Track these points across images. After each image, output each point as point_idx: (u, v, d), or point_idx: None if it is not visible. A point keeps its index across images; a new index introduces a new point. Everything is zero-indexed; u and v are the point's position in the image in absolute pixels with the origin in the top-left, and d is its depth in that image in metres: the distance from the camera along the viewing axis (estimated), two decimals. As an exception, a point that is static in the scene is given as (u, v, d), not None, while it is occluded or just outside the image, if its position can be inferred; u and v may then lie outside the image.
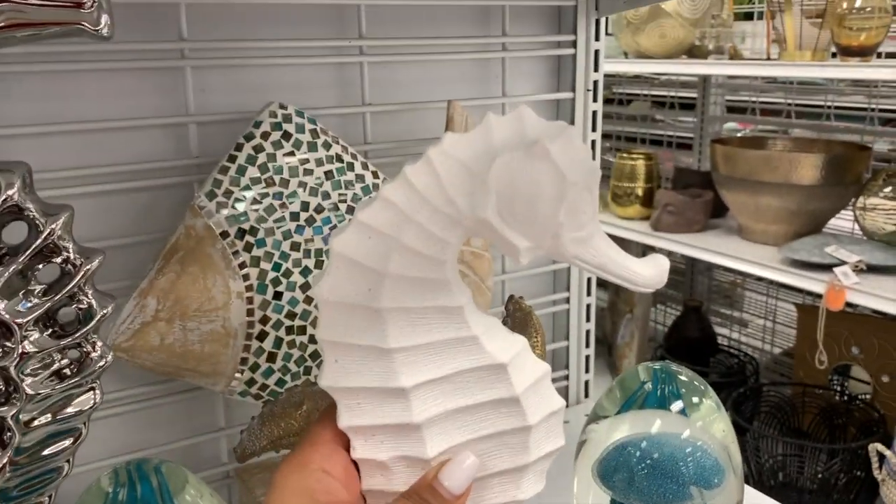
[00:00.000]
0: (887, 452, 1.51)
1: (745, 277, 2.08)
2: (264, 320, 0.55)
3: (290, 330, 0.57)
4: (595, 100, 0.73)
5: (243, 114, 0.59)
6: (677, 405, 0.41)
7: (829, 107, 1.85)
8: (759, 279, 1.99)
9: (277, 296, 0.56)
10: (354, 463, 0.34)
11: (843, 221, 1.75)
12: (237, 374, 0.56)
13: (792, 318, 1.98)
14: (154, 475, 0.34)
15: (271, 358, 0.56)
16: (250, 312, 0.55)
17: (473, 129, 0.32)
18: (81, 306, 0.38)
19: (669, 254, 2.15)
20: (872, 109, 1.78)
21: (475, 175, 0.30)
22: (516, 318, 0.49)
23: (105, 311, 0.39)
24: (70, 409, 0.39)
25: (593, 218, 0.31)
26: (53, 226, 0.37)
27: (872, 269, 1.45)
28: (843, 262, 1.47)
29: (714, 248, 1.69)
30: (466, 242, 0.64)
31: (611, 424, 0.42)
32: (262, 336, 0.56)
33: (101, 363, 0.40)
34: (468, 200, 0.31)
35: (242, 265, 0.54)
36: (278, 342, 0.56)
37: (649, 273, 0.32)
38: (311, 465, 0.32)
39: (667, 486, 0.40)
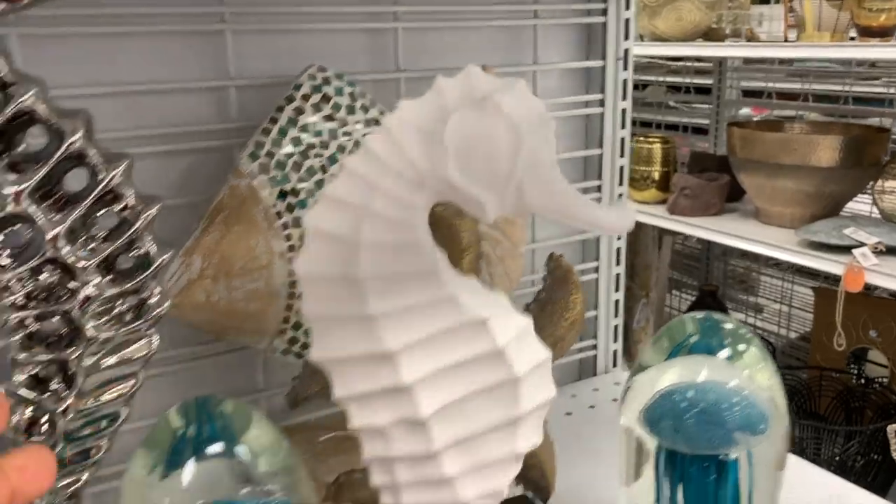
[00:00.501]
0: (904, 434, 1.51)
1: (760, 262, 2.08)
2: (306, 281, 0.56)
3: (330, 291, 0.57)
4: (625, 68, 0.74)
5: (279, 78, 0.59)
6: (724, 353, 0.41)
7: (846, 92, 1.85)
8: (776, 264, 1.99)
9: (318, 257, 0.56)
10: None
11: (860, 205, 1.75)
12: (280, 333, 0.57)
13: (808, 302, 1.98)
14: (220, 413, 0.34)
15: (312, 318, 0.57)
16: (292, 273, 0.56)
17: (426, 94, 0.32)
18: (140, 253, 0.39)
19: (686, 238, 2.15)
20: (891, 92, 1.77)
21: (431, 137, 0.31)
22: (556, 275, 0.50)
23: (164, 259, 0.40)
24: (128, 355, 0.40)
25: (553, 168, 0.31)
26: (115, 172, 0.37)
27: (891, 251, 1.45)
28: (861, 244, 1.46)
29: (731, 232, 1.69)
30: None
31: (657, 372, 0.43)
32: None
33: (159, 310, 0.40)
34: (428, 162, 0.31)
35: (284, 226, 0.55)
36: (319, 303, 0.57)
37: (614, 217, 0.32)
38: None
39: (713, 431, 0.41)
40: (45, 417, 0.39)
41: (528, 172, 0.31)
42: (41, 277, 0.38)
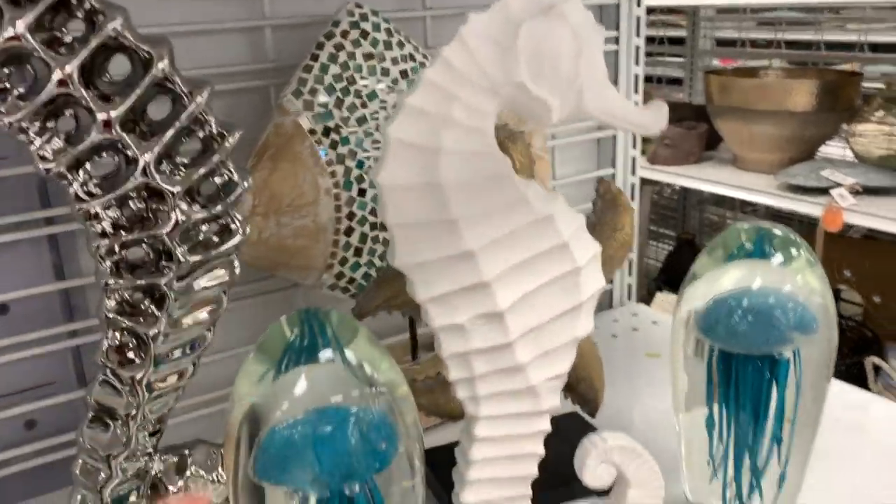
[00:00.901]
0: (884, 365, 1.58)
1: (736, 210, 2.13)
2: (350, 216, 0.57)
3: (373, 226, 0.59)
4: (639, 5, 0.75)
5: (313, 17, 0.60)
6: (777, 259, 0.44)
7: (817, 40, 1.89)
8: (753, 211, 2.04)
9: (362, 193, 0.58)
10: None
11: (832, 149, 1.80)
12: (327, 268, 0.58)
13: (783, 246, 2.03)
14: (328, 322, 0.36)
15: (358, 253, 0.58)
16: (338, 209, 0.57)
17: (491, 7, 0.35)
18: (223, 179, 0.40)
19: (661, 188, 2.20)
20: (861, 39, 1.82)
21: (503, 45, 0.34)
22: (606, 199, 0.52)
23: (246, 184, 0.41)
24: (213, 281, 0.41)
25: (605, 72, 0.35)
26: (199, 98, 0.38)
27: (867, 191, 1.50)
28: (838, 185, 1.51)
29: (711, 179, 1.73)
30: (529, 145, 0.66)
31: (712, 279, 0.45)
32: (349, 231, 0.58)
33: (240, 237, 0.41)
34: (501, 70, 0.34)
35: (329, 162, 0.56)
36: (363, 237, 0.58)
37: (651, 117, 0.36)
38: None
39: (769, 332, 0.43)
40: (135, 342, 0.40)
41: (587, 75, 0.34)
42: (131, 204, 0.38)
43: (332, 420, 0.35)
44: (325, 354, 0.35)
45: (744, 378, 0.45)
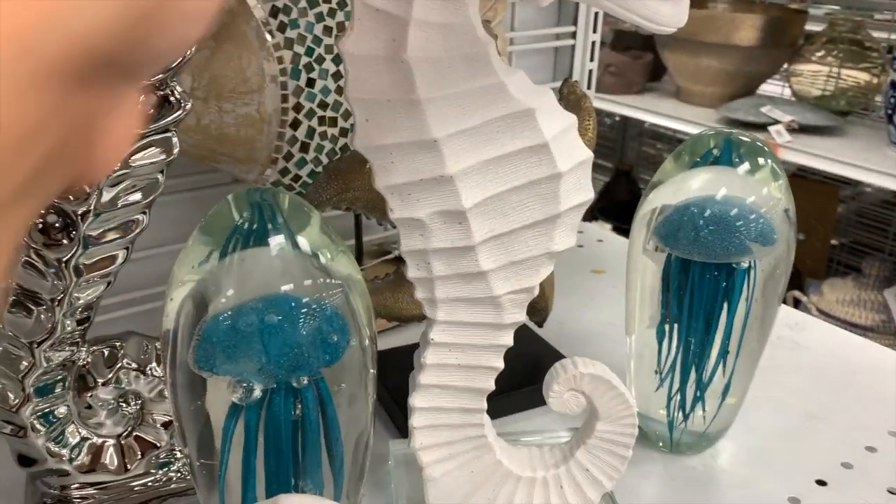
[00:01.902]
0: (803, 298, 1.64)
1: (674, 144, 2.15)
2: (298, 108, 0.54)
3: (322, 120, 0.55)
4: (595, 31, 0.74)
5: None
6: (743, 167, 0.43)
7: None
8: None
9: (310, 83, 0.54)
10: None
11: (772, 87, 1.82)
12: (272, 163, 0.54)
13: (716, 181, 2.07)
14: (280, 207, 0.33)
15: (304, 148, 0.55)
16: (284, 98, 0.53)
17: None
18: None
19: (606, 117, 2.19)
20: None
21: None
22: (570, 101, 0.50)
23: (188, 54, 0.37)
24: (149, 159, 0.38)
25: None
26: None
27: (803, 129, 1.53)
28: (776, 122, 1.54)
29: (653, 109, 1.74)
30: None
31: (677, 185, 0.44)
32: (295, 124, 0.54)
33: (181, 112, 0.38)
34: None
35: (276, 46, 0.52)
36: (311, 132, 0.55)
37: (668, 10, 0.31)
38: None
39: (730, 240, 0.43)
40: (62, 221, 0.37)
41: None
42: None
43: (282, 309, 0.33)
44: (276, 240, 0.32)
45: (700, 286, 0.44)
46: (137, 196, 0.38)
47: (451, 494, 0.41)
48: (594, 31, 0.76)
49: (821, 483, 0.47)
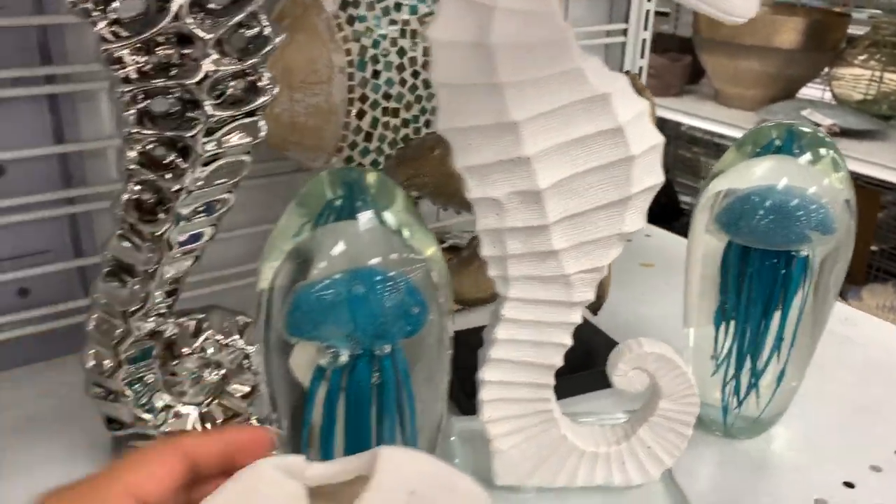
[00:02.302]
0: (843, 303, 1.63)
1: (711, 149, 2.14)
2: (363, 99, 0.56)
3: (385, 111, 0.57)
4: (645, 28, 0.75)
5: None
6: (805, 158, 0.44)
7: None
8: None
9: (375, 74, 0.56)
10: None
11: (812, 90, 1.81)
12: (337, 151, 0.57)
13: (753, 185, 2.06)
14: (368, 185, 0.35)
15: (368, 137, 0.57)
16: (351, 89, 0.55)
17: None
18: (255, 32, 0.38)
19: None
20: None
21: None
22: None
23: (279, 39, 0.39)
24: (239, 140, 0.40)
25: None
26: (235, -58, 0.36)
27: (844, 133, 1.52)
28: (817, 125, 1.53)
29: (692, 112, 1.74)
30: None
31: (739, 173, 0.45)
32: (360, 114, 0.56)
33: (269, 96, 0.40)
34: None
35: (345, 39, 0.54)
36: (374, 122, 0.57)
37: (740, 1, 0.32)
38: None
39: (790, 229, 0.44)
40: (156, 198, 0.39)
41: None
42: (159, 51, 0.37)
43: (368, 281, 0.34)
44: (365, 215, 0.34)
45: (759, 273, 0.45)
46: (226, 176, 0.40)
47: (517, 467, 0.42)
48: (645, 29, 0.77)
49: (875, 469, 0.48)
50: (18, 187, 0.52)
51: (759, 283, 0.46)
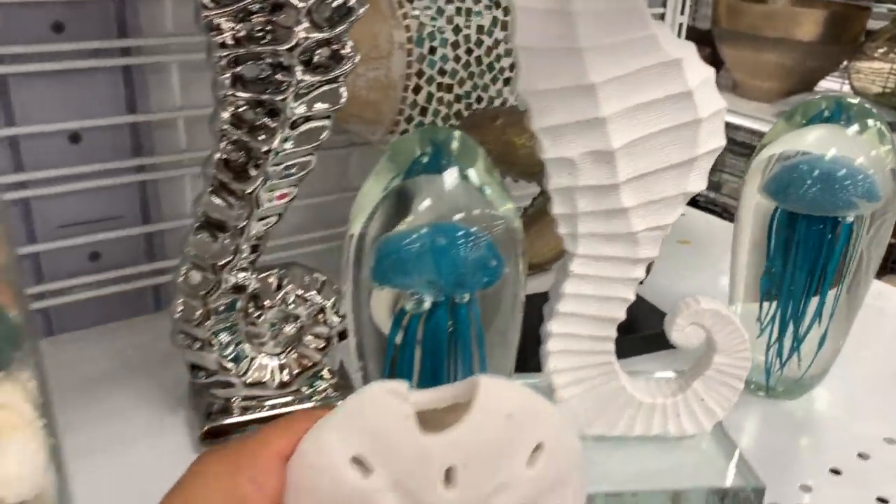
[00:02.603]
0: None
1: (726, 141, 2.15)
2: (420, 74, 0.58)
3: (440, 87, 0.60)
4: (682, 13, 0.77)
5: None
6: (853, 128, 0.46)
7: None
8: (744, 144, 2.07)
9: (432, 51, 0.58)
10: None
11: (831, 83, 1.82)
12: (394, 125, 0.59)
13: (769, 177, 2.08)
14: (452, 144, 0.37)
15: (423, 112, 0.60)
16: (409, 65, 0.57)
17: None
18: (340, 2, 0.41)
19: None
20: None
21: None
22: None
23: (361, 10, 0.41)
24: (322, 105, 0.42)
25: None
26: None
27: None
28: (836, 116, 1.55)
29: (711, 103, 1.75)
30: None
31: (787, 141, 0.48)
32: (417, 89, 0.58)
33: (349, 64, 0.42)
34: None
35: (405, 16, 0.56)
36: (430, 97, 0.59)
37: None
38: (243, 470, 0.24)
39: (837, 195, 0.46)
40: (246, 158, 0.41)
41: None
42: (254, 19, 0.39)
43: (452, 233, 0.37)
44: (450, 172, 0.37)
45: (805, 238, 0.48)
46: (310, 139, 0.43)
47: (577, 417, 0.45)
48: (682, 13, 0.80)
49: (916, 426, 0.50)
50: (92, 155, 0.55)
51: (804, 249, 0.48)
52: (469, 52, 0.60)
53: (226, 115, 0.40)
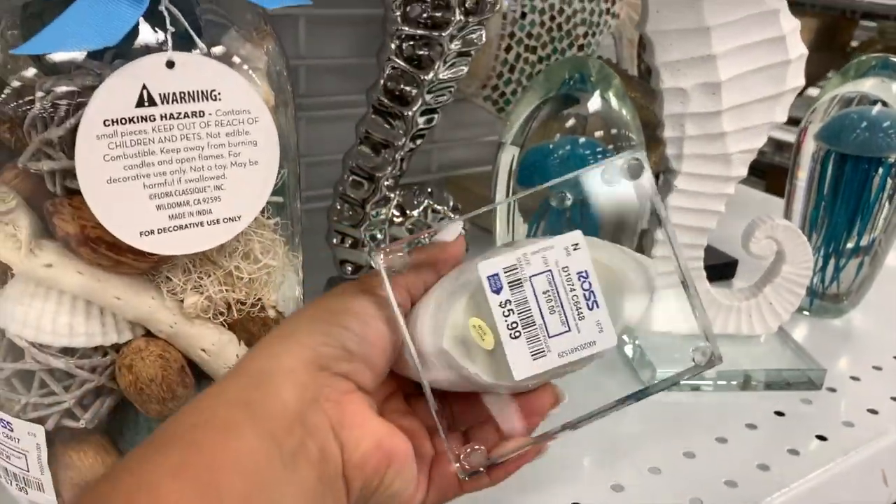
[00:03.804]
0: None
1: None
2: (511, 35, 0.66)
3: (526, 48, 0.68)
4: None
5: None
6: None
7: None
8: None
9: (523, 15, 0.67)
10: None
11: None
12: (487, 79, 0.67)
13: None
14: (592, 70, 0.45)
15: (511, 70, 0.68)
16: (503, 26, 0.66)
17: None
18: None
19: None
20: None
21: None
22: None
23: (506, -37, 0.49)
24: (467, 47, 0.50)
25: None
26: None
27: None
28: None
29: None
30: None
31: (847, 87, 0.57)
32: (508, 49, 0.67)
33: (493, 11, 0.50)
34: None
35: (503, -16, 0.65)
36: (518, 56, 0.68)
37: None
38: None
39: (881, 140, 0.55)
40: (407, 86, 0.49)
41: None
42: (423, -36, 0.47)
43: (589, 147, 0.45)
44: (592, 95, 0.45)
45: (851, 177, 0.57)
46: (451, 76, 0.51)
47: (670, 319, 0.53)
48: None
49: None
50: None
51: (851, 186, 0.57)
52: (552, 18, 0.69)
53: (393, 46, 0.48)
